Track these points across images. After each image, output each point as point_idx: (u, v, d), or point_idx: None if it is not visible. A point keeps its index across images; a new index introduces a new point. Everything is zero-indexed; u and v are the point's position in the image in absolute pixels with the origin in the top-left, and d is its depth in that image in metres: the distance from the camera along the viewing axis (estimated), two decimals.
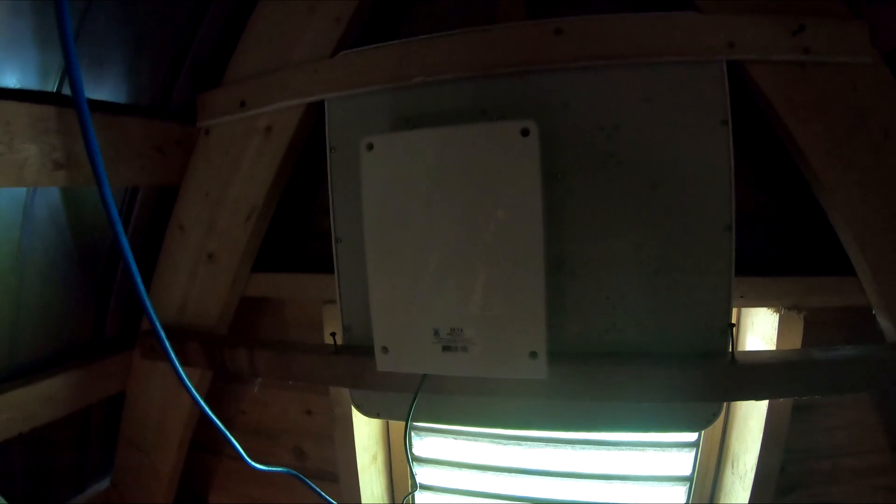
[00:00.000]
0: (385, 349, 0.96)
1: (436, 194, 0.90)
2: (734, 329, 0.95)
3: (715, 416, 1.00)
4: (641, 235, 0.95)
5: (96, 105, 1.03)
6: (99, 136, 0.96)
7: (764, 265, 1.08)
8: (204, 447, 1.51)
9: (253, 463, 1.09)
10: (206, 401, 1.40)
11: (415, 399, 0.99)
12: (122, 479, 1.43)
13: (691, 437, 1.24)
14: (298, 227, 1.35)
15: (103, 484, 1.44)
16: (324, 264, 1.14)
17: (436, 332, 0.91)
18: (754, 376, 0.93)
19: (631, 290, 0.97)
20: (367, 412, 1.11)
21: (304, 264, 1.30)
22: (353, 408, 1.16)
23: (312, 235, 1.35)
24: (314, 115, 1.12)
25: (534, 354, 0.89)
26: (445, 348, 0.92)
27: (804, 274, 1.04)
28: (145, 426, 1.37)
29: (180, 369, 1.05)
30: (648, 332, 0.97)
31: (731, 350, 0.92)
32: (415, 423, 1.35)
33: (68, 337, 1.23)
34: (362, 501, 1.28)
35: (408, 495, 1.19)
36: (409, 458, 1.08)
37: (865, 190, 0.94)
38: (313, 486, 1.10)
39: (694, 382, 0.92)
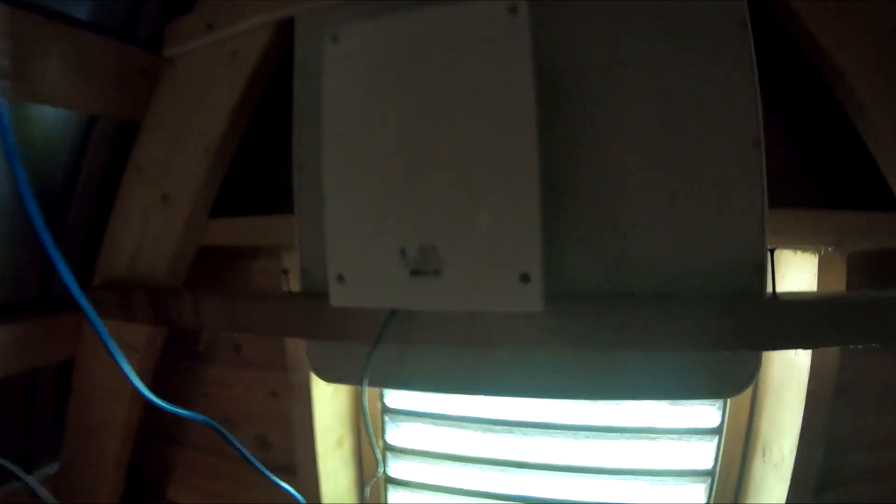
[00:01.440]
0: (340, 278, 0.80)
1: (409, 88, 0.75)
2: (772, 258, 0.77)
3: (751, 376, 0.80)
4: (654, 151, 0.79)
5: (53, 13, 0.93)
6: (54, 49, 0.87)
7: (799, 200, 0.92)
8: (163, 435, 1.34)
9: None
10: (165, 381, 1.25)
11: (377, 343, 0.81)
12: (70, 463, 1.27)
13: (713, 421, 1.04)
14: (270, 175, 1.21)
15: (53, 468, 1.29)
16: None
17: (403, 253, 0.76)
18: (798, 319, 0.75)
19: (643, 217, 0.80)
20: (328, 376, 0.93)
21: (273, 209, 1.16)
22: (312, 376, 0.99)
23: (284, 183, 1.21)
24: (284, 38, 1.00)
25: (525, 277, 0.72)
26: (415, 273, 0.75)
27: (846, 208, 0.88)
28: (92, 403, 1.21)
29: (104, 332, 0.87)
30: (666, 267, 0.79)
31: (770, 287, 0.75)
32: (389, 406, 1.17)
33: (11, 292, 1.09)
34: (322, 494, 1.08)
35: (372, 479, 0.98)
36: (369, 430, 0.88)
37: None
38: (231, 438, 0.91)
39: (726, 327, 0.74)
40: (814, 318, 0.77)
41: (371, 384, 0.93)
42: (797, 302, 0.79)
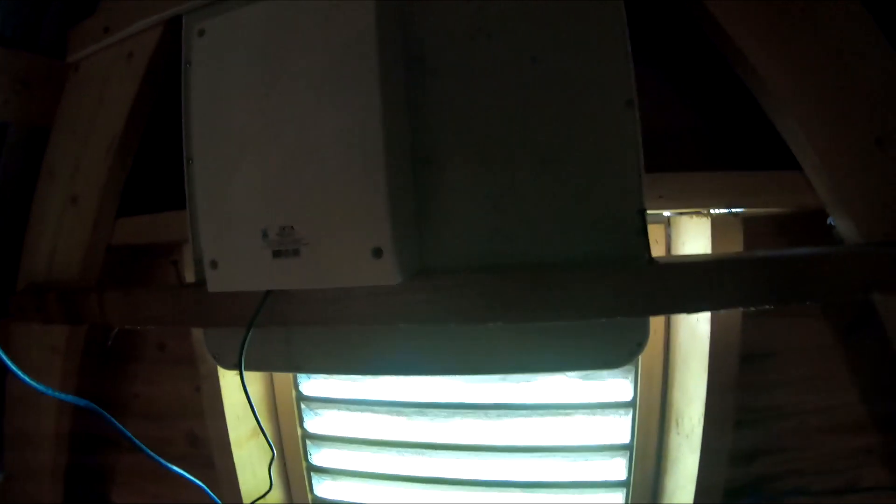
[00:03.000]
0: (214, 263, 0.80)
1: (265, 74, 0.76)
2: (644, 217, 0.75)
3: (640, 345, 0.78)
4: (523, 119, 0.78)
5: None
6: None
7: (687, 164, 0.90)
8: (104, 439, 1.35)
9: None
10: (95, 384, 1.26)
11: (250, 326, 0.81)
12: (12, 471, 1.28)
13: (626, 395, 1.02)
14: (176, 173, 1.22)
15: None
16: None
17: (264, 234, 0.75)
18: (681, 282, 0.74)
19: (516, 186, 0.79)
20: (226, 363, 0.94)
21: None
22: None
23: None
24: (175, 37, 1.01)
25: (378, 252, 0.71)
26: (276, 253, 0.75)
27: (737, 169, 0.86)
28: (25, 410, 1.22)
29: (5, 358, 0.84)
30: (543, 236, 0.78)
31: (646, 250, 0.73)
32: (305, 394, 1.16)
33: None
34: (239, 485, 1.08)
35: (272, 459, 0.96)
36: (256, 417, 0.87)
37: (806, 68, 0.78)
38: (121, 427, 0.91)
39: (603, 294, 0.73)
40: (694, 281, 0.75)
41: (262, 369, 0.94)
42: (675, 265, 0.77)
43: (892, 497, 1.04)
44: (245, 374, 0.91)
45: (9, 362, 0.81)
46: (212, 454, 1.12)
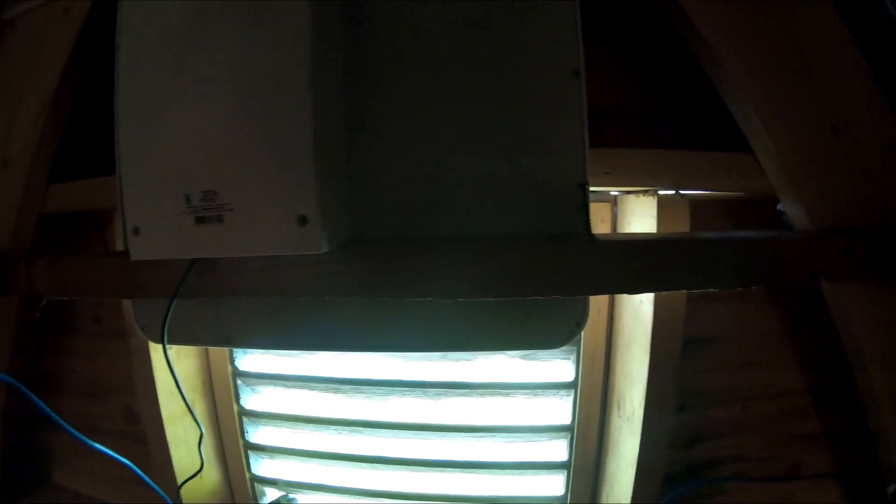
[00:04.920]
0: (136, 230, 0.76)
1: (192, 30, 0.72)
2: (586, 192, 0.72)
3: (579, 325, 0.76)
4: (464, 86, 0.75)
5: None
6: None
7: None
8: (41, 418, 1.30)
9: None
10: (34, 359, 1.22)
11: (174, 296, 0.78)
12: None
13: (567, 375, 1.01)
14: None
15: None
16: None
17: (188, 199, 0.72)
18: (621, 261, 0.71)
19: (453, 156, 0.76)
20: (154, 335, 0.89)
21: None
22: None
23: None
24: None
25: (303, 220, 0.68)
26: (199, 219, 0.72)
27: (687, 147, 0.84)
28: None
29: None
30: (480, 209, 0.75)
31: (587, 226, 0.71)
32: (241, 370, 1.13)
33: None
34: (173, 463, 1.05)
35: (200, 437, 0.93)
36: (181, 391, 0.84)
37: (763, 50, 0.77)
38: (39, 401, 0.87)
39: (540, 271, 0.70)
40: (635, 260, 0.73)
41: (191, 342, 0.90)
42: (616, 243, 0.75)
43: (834, 483, 1.05)
44: (177, 348, 0.88)
45: None
46: (146, 431, 1.08)
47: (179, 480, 1.06)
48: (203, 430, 0.90)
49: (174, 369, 0.88)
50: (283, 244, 0.70)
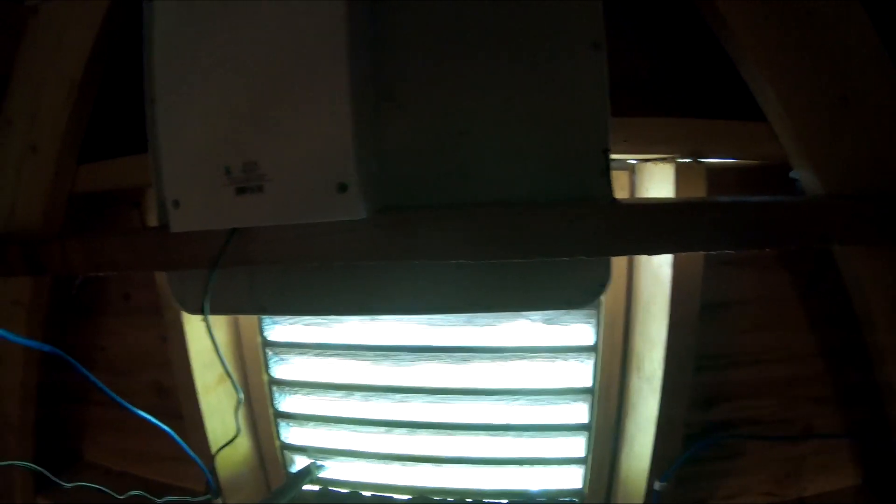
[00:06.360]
0: (176, 203, 0.79)
1: (231, 8, 0.74)
2: (608, 157, 0.75)
3: (602, 285, 0.79)
4: (490, 56, 0.77)
5: None
6: None
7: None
8: (73, 396, 1.34)
9: None
10: (63, 338, 1.25)
11: (214, 266, 0.81)
12: None
13: (588, 339, 1.04)
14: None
15: None
16: None
17: (228, 171, 0.75)
18: (641, 223, 0.75)
19: (480, 124, 0.78)
20: (191, 307, 0.92)
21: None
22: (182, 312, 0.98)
23: None
24: None
25: (343, 187, 0.71)
26: (240, 190, 0.75)
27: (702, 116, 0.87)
28: None
29: None
30: (506, 174, 0.78)
31: (610, 190, 0.74)
32: (270, 340, 1.16)
33: None
34: (207, 432, 1.08)
35: (238, 403, 0.97)
36: (222, 361, 0.87)
37: (776, 21, 0.79)
38: (78, 365, 0.90)
39: (565, 233, 0.73)
40: (655, 222, 0.76)
41: (227, 312, 0.93)
42: (637, 206, 0.78)
43: (845, 444, 1.09)
44: (210, 318, 0.91)
45: None
46: (179, 403, 1.11)
47: (213, 449, 1.10)
48: (241, 394, 0.93)
49: (209, 342, 0.91)
50: (324, 211, 0.73)
